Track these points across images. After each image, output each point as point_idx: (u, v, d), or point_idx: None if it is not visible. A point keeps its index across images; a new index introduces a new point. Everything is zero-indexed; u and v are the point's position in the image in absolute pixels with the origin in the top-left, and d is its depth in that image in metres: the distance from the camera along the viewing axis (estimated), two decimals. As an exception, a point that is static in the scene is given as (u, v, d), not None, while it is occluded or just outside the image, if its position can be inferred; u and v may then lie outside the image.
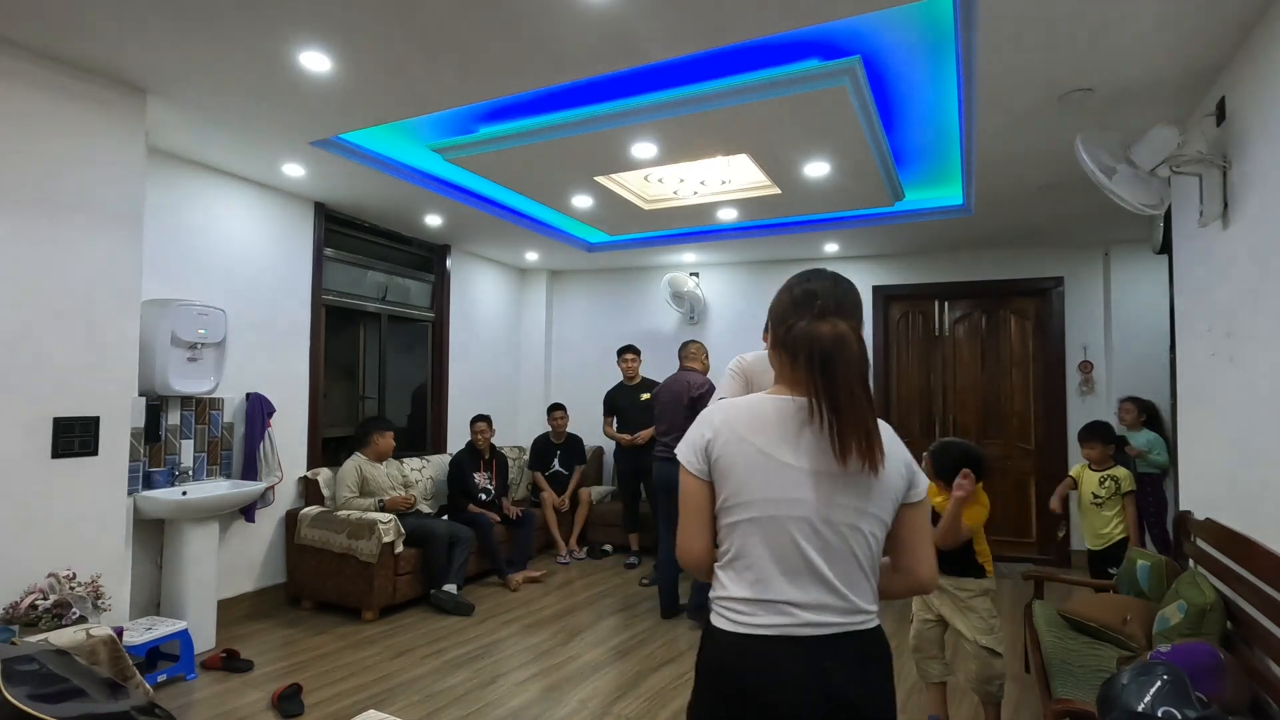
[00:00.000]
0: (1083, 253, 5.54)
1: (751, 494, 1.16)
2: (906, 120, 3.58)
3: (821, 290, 1.23)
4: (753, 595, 1.15)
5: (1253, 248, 2.33)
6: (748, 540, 1.17)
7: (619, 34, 2.49)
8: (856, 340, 1.18)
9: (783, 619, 1.13)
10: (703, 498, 1.22)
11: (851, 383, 1.15)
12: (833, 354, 1.16)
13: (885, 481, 1.17)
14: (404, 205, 4.73)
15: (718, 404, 1.26)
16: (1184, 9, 2.26)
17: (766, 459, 1.16)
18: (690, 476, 1.23)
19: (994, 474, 5.78)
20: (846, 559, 1.15)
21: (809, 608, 1.13)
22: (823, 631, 1.13)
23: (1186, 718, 1.68)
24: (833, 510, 1.14)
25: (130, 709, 2.08)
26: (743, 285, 6.47)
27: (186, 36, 2.55)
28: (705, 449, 1.21)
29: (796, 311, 1.23)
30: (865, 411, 1.15)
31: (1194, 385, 3.00)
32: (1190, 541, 2.86)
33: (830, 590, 1.14)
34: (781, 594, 1.14)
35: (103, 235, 2.89)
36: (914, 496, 1.22)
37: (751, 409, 1.22)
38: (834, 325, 1.18)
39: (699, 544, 1.22)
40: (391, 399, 5.52)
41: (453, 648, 3.74)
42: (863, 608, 1.16)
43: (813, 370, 1.17)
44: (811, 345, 1.17)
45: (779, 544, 1.15)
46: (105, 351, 2.90)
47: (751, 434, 1.18)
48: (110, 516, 2.92)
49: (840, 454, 1.13)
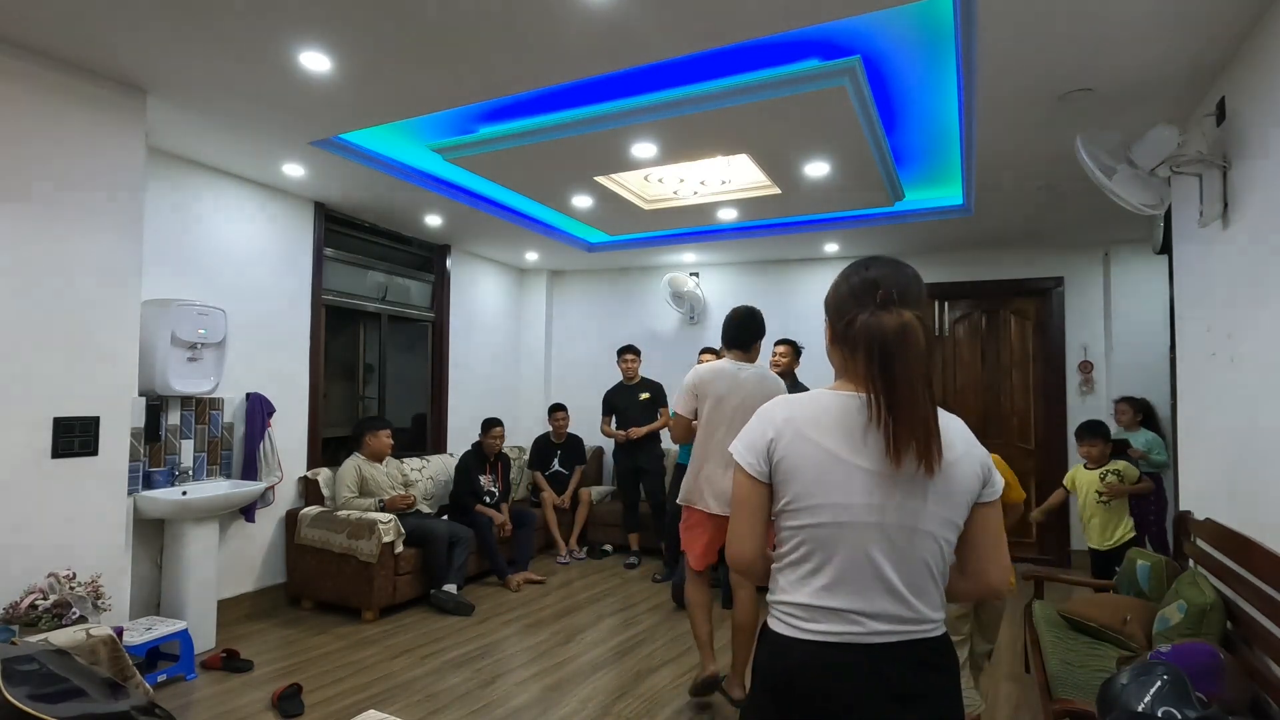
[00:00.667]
0: (1083, 253, 5.54)
1: (821, 498, 1.10)
2: (906, 120, 3.58)
3: (883, 278, 1.15)
4: (818, 603, 1.10)
5: (1253, 248, 2.33)
6: (816, 546, 1.11)
7: (619, 34, 2.49)
8: (923, 332, 1.11)
9: (848, 627, 1.09)
10: (761, 500, 1.16)
11: (913, 379, 1.08)
12: (895, 348, 1.09)
13: (959, 482, 1.11)
14: (404, 205, 4.73)
15: (780, 399, 1.21)
16: (1184, 9, 2.26)
17: (834, 460, 1.10)
18: (747, 477, 1.16)
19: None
20: (916, 566, 1.10)
21: (876, 617, 1.09)
22: (887, 639, 1.09)
23: (1186, 718, 1.68)
24: (905, 515, 1.09)
25: (130, 709, 2.08)
26: (743, 285, 6.46)
27: (186, 36, 2.55)
28: (768, 449, 1.14)
29: (857, 302, 1.16)
30: (926, 410, 1.08)
31: (1194, 385, 2.99)
32: (1190, 541, 2.86)
33: (898, 599, 1.09)
34: (848, 603, 1.09)
35: (103, 235, 2.89)
36: (988, 496, 1.16)
37: (815, 405, 1.15)
38: (899, 316, 1.10)
39: (752, 546, 1.17)
40: (392, 399, 5.52)
41: (453, 648, 3.74)
42: (929, 616, 1.11)
43: (872, 365, 1.10)
44: (872, 339, 1.10)
45: (849, 551, 1.09)
46: (105, 351, 2.90)
47: (817, 433, 1.12)
48: (110, 516, 2.92)
49: (895, 454, 1.07)
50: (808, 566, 1.12)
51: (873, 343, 1.10)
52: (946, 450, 1.10)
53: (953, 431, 1.14)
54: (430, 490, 5.23)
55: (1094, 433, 3.78)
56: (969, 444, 1.15)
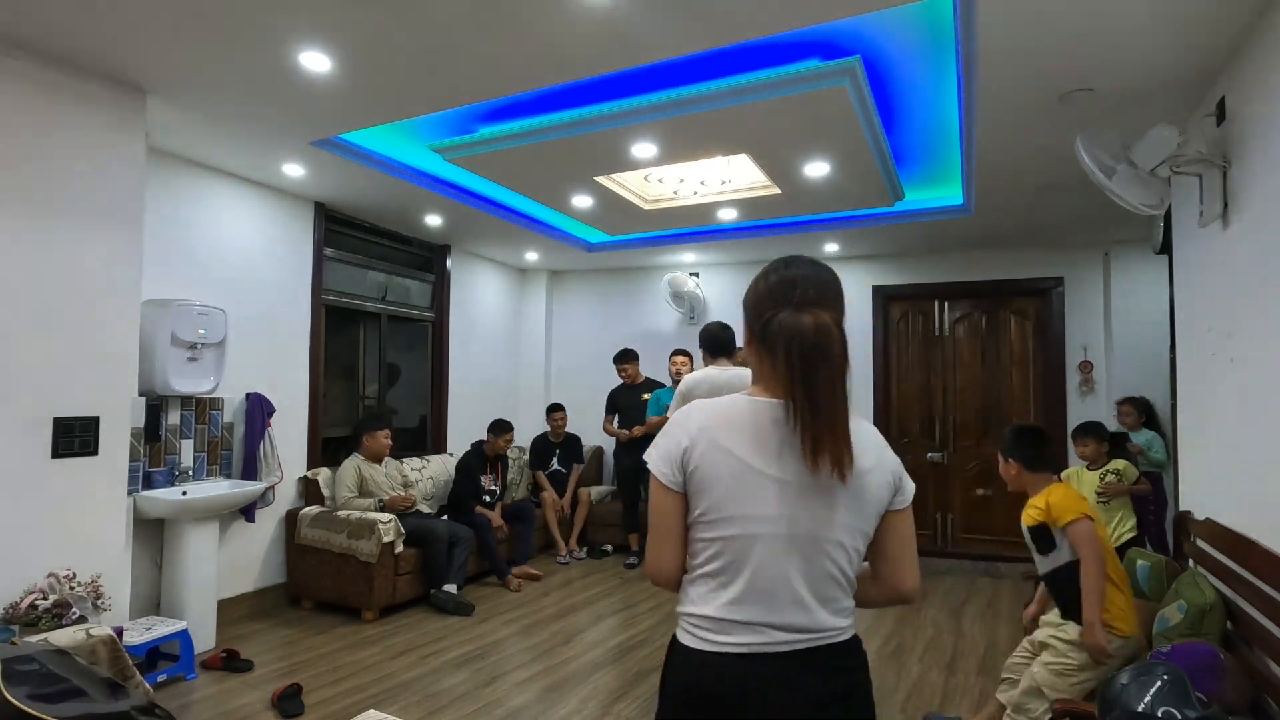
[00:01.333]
0: (1083, 253, 5.54)
1: (733, 510, 1.09)
2: (906, 120, 3.58)
3: (801, 277, 1.13)
4: (727, 616, 1.09)
5: (1253, 248, 2.33)
6: (727, 558, 1.09)
7: (619, 34, 2.49)
8: (839, 334, 1.09)
9: (756, 638, 1.08)
10: (677, 511, 1.13)
11: (833, 382, 1.07)
12: (814, 350, 1.07)
13: (871, 491, 1.11)
14: (404, 205, 4.73)
15: (694, 405, 1.17)
16: (1184, 9, 2.26)
17: (748, 470, 1.08)
18: (662, 488, 1.13)
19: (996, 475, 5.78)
20: (825, 576, 1.09)
21: (782, 628, 1.08)
22: (794, 648, 1.08)
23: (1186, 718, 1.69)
24: (815, 525, 1.08)
25: (130, 709, 2.08)
26: (743, 285, 6.36)
27: (186, 36, 2.55)
28: (682, 458, 1.11)
29: (774, 301, 1.13)
30: (841, 414, 1.07)
31: (1194, 385, 3.00)
32: (1190, 541, 2.86)
33: (804, 610, 1.08)
34: (756, 615, 1.08)
35: (103, 235, 2.89)
36: (899, 504, 1.15)
37: (730, 412, 1.13)
38: (816, 316, 1.08)
39: (671, 561, 1.14)
40: (392, 399, 5.52)
41: (453, 648, 3.74)
42: (834, 624, 1.10)
43: (792, 367, 1.07)
44: (791, 339, 1.08)
45: (759, 564, 1.08)
46: (105, 351, 2.90)
47: (730, 442, 1.09)
48: (110, 516, 2.92)
49: (811, 458, 1.06)
50: (719, 579, 1.10)
51: (791, 343, 1.08)
52: (860, 459, 1.08)
53: (866, 440, 1.13)
54: (430, 490, 5.23)
55: (1087, 432, 3.80)
56: (881, 452, 1.14)
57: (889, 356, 6.10)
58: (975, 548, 5.73)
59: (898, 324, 6.12)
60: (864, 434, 1.13)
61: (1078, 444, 3.81)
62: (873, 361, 6.06)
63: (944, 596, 4.78)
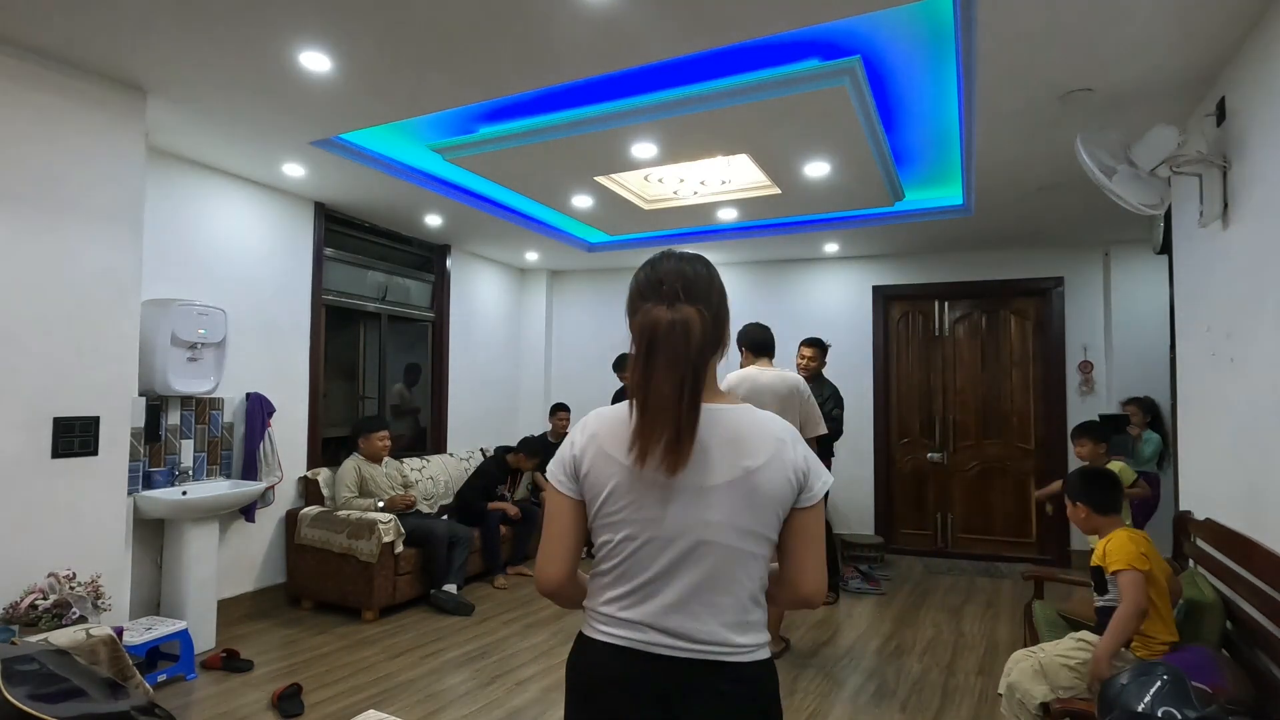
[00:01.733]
0: (1083, 253, 5.54)
1: (618, 513, 1.09)
2: (906, 120, 3.58)
3: (668, 273, 1.11)
4: (616, 614, 1.09)
5: (1253, 248, 2.34)
6: (616, 559, 1.10)
7: (619, 34, 2.49)
8: (699, 326, 1.06)
9: (639, 635, 1.07)
10: (571, 518, 1.12)
11: (671, 374, 1.03)
12: (661, 342, 1.05)
13: (764, 491, 1.06)
14: (404, 205, 4.73)
15: (592, 414, 1.17)
16: (1184, 9, 2.26)
17: (628, 474, 1.07)
18: (556, 493, 1.14)
19: (996, 475, 5.79)
20: (711, 583, 1.05)
21: (664, 631, 1.06)
22: (674, 654, 1.05)
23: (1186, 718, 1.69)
24: (697, 528, 1.05)
25: (130, 709, 2.08)
26: (743, 285, 6.46)
27: (186, 36, 2.55)
28: (574, 465, 1.12)
29: (642, 298, 1.11)
30: (680, 407, 1.03)
31: (1194, 385, 3.00)
32: (1190, 541, 2.86)
33: (691, 617, 1.05)
34: (640, 615, 1.07)
35: (103, 235, 2.89)
36: (806, 501, 1.10)
37: (616, 419, 1.12)
38: (674, 310, 1.06)
39: (559, 569, 1.13)
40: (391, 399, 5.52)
41: (453, 648, 3.74)
42: (732, 641, 1.05)
43: (638, 359, 1.06)
44: (644, 332, 1.06)
45: (642, 565, 1.07)
46: (105, 351, 2.90)
47: (615, 448, 1.09)
48: (110, 516, 2.92)
49: (640, 452, 1.04)
50: (609, 578, 1.11)
51: (643, 336, 1.06)
52: (747, 456, 1.06)
53: (759, 436, 1.09)
54: (430, 490, 5.23)
55: (1085, 432, 3.79)
56: (780, 448, 1.08)
57: (889, 356, 6.10)
58: (975, 548, 5.74)
59: (898, 324, 6.12)
60: (758, 430, 1.10)
61: (1076, 444, 3.80)
62: (873, 361, 6.06)
63: (944, 596, 4.78)
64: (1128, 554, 2.15)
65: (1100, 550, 2.28)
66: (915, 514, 5.99)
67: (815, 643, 3.86)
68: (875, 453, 6.03)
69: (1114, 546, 2.21)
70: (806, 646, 3.81)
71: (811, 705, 3.08)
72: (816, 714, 2.99)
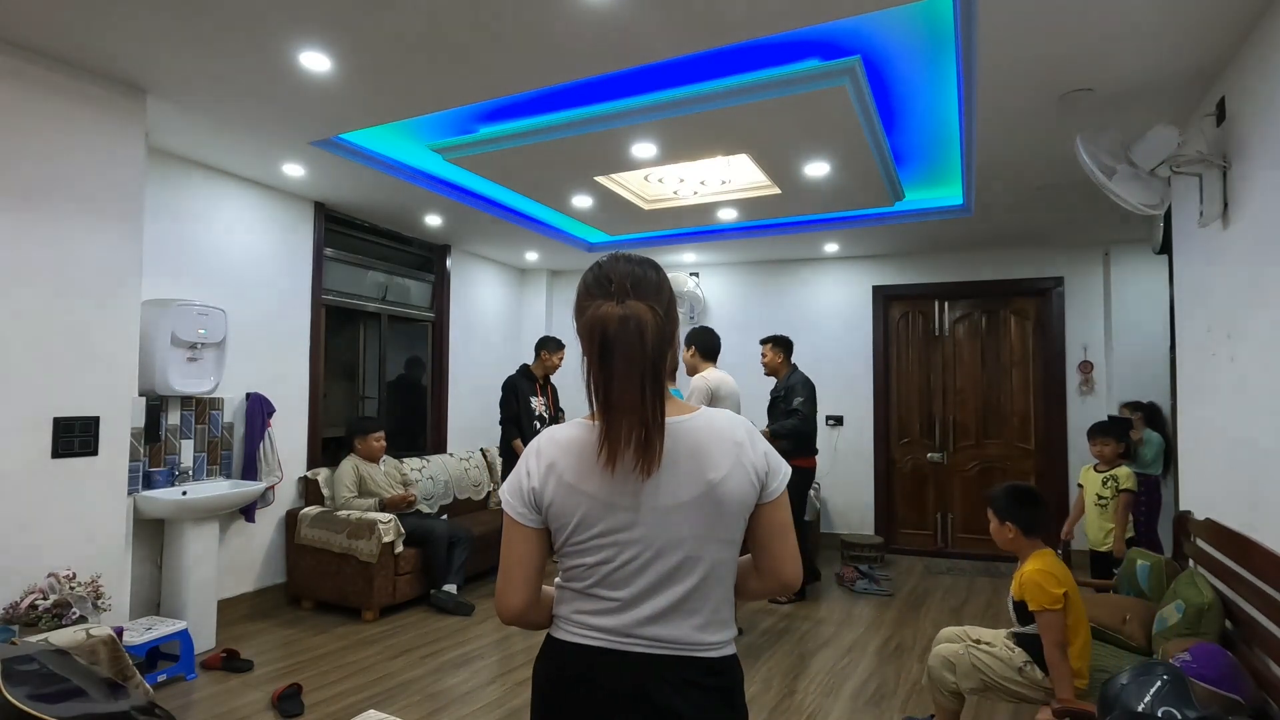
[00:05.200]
0: (1083, 253, 5.54)
1: (588, 541, 1.07)
2: (906, 120, 3.58)
3: (616, 272, 1.09)
4: (588, 621, 1.09)
5: (1253, 248, 2.33)
6: (587, 579, 1.09)
7: (619, 34, 2.49)
8: (653, 323, 1.04)
9: (609, 637, 1.07)
10: (530, 548, 1.10)
11: (631, 372, 1.02)
12: (615, 338, 1.02)
13: (729, 500, 1.06)
14: (404, 205, 4.73)
15: (543, 439, 1.13)
16: (1184, 9, 2.26)
17: (593, 502, 1.06)
18: (514, 524, 1.10)
19: (996, 475, 5.78)
20: (686, 585, 1.06)
21: (639, 638, 1.07)
22: (655, 650, 1.06)
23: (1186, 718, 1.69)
24: (672, 543, 1.06)
25: (130, 709, 2.08)
26: (743, 285, 6.46)
27: (186, 36, 2.55)
28: (533, 497, 1.09)
29: (589, 297, 1.09)
30: (647, 407, 1.02)
31: (1194, 385, 3.00)
32: (1190, 541, 2.86)
33: (664, 619, 1.06)
34: (611, 621, 1.07)
35: (103, 235, 2.89)
36: (768, 497, 1.10)
37: (569, 444, 1.10)
38: (624, 306, 1.04)
39: (520, 597, 1.10)
40: (390, 400, 5.52)
41: (453, 648, 3.74)
42: (702, 639, 1.08)
43: (593, 359, 1.04)
44: (594, 329, 1.04)
45: (615, 584, 1.07)
46: (105, 351, 2.90)
47: (575, 477, 1.07)
48: (110, 516, 2.92)
49: (610, 456, 1.02)
50: (578, 586, 1.10)
51: (594, 333, 1.04)
52: (710, 469, 1.06)
53: (718, 444, 1.08)
54: (430, 490, 5.23)
55: (1106, 432, 3.75)
56: (740, 452, 1.08)
57: (889, 356, 6.10)
58: (975, 548, 5.73)
59: (898, 324, 6.12)
60: (716, 438, 1.09)
61: (1097, 443, 3.76)
62: (873, 361, 6.06)
63: (944, 596, 4.78)
64: (1045, 594, 2.20)
65: (1017, 583, 2.31)
66: (915, 514, 5.99)
67: (816, 643, 3.86)
68: (875, 453, 6.03)
69: (1030, 583, 2.24)
70: (807, 647, 3.81)
71: (811, 705, 3.08)
72: (816, 714, 2.99)
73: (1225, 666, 1.98)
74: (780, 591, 1.17)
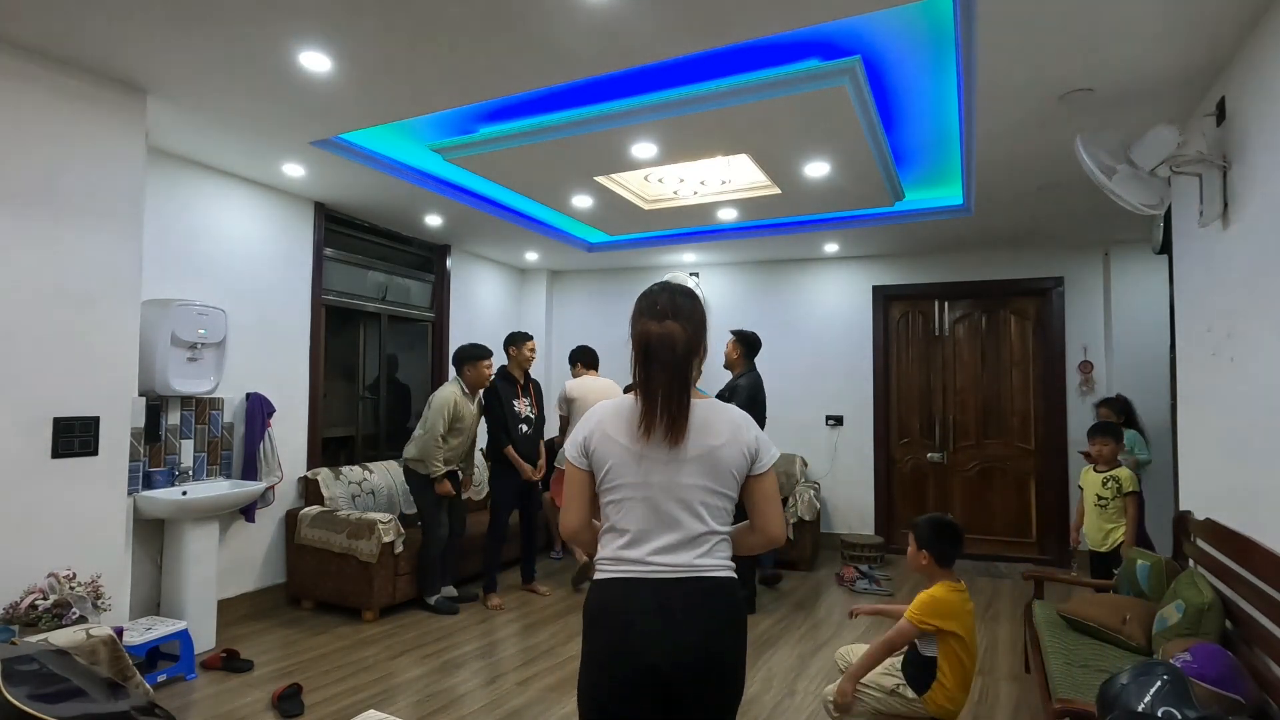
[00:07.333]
0: (1083, 253, 5.54)
1: (618, 479, 1.46)
2: (906, 120, 3.58)
3: (660, 297, 1.50)
4: (621, 555, 1.45)
5: (1253, 248, 2.33)
6: (617, 514, 1.47)
7: (619, 34, 2.49)
8: (683, 337, 1.45)
9: (638, 567, 1.43)
10: (583, 483, 1.51)
11: (670, 373, 1.42)
12: (654, 348, 1.44)
13: (724, 462, 1.45)
14: (404, 205, 4.73)
15: (598, 405, 1.55)
16: (1184, 9, 2.26)
17: (624, 450, 1.45)
18: (574, 468, 1.52)
19: (996, 475, 5.79)
20: (692, 522, 1.43)
21: (656, 561, 1.42)
22: (668, 575, 1.42)
23: (1186, 718, 1.68)
24: (679, 489, 1.43)
25: (130, 709, 2.08)
26: (743, 285, 6.47)
27: (186, 36, 2.55)
28: (584, 445, 1.50)
29: (642, 317, 1.49)
30: (676, 398, 1.42)
31: (1194, 385, 3.00)
32: (1190, 541, 2.86)
33: (674, 549, 1.43)
34: (637, 553, 1.44)
35: (103, 235, 2.89)
36: (758, 470, 1.49)
37: (617, 409, 1.50)
38: (663, 325, 1.45)
39: (576, 518, 1.52)
40: (393, 398, 5.52)
41: (453, 648, 3.74)
42: (706, 563, 1.44)
43: (639, 361, 1.46)
44: (640, 340, 1.46)
45: (637, 515, 1.44)
46: (105, 351, 2.90)
47: (615, 431, 1.47)
48: (110, 516, 2.92)
49: (646, 430, 1.42)
50: (615, 530, 1.47)
51: (640, 344, 1.46)
52: (712, 437, 1.45)
53: (721, 422, 1.47)
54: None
55: (1105, 432, 3.76)
56: (736, 431, 1.47)
57: (889, 356, 6.10)
58: (975, 548, 5.73)
59: (898, 324, 6.11)
60: (720, 418, 1.48)
61: (1096, 443, 3.76)
62: (873, 361, 6.06)
63: (944, 596, 4.78)
64: (923, 610, 2.26)
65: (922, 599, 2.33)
66: (915, 514, 5.96)
67: (816, 643, 3.86)
68: (875, 453, 6.03)
69: (923, 598, 2.29)
70: (807, 647, 3.81)
71: (812, 705, 3.09)
72: (816, 714, 2.99)
73: (1225, 666, 1.98)
74: (769, 544, 1.54)
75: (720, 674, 1.41)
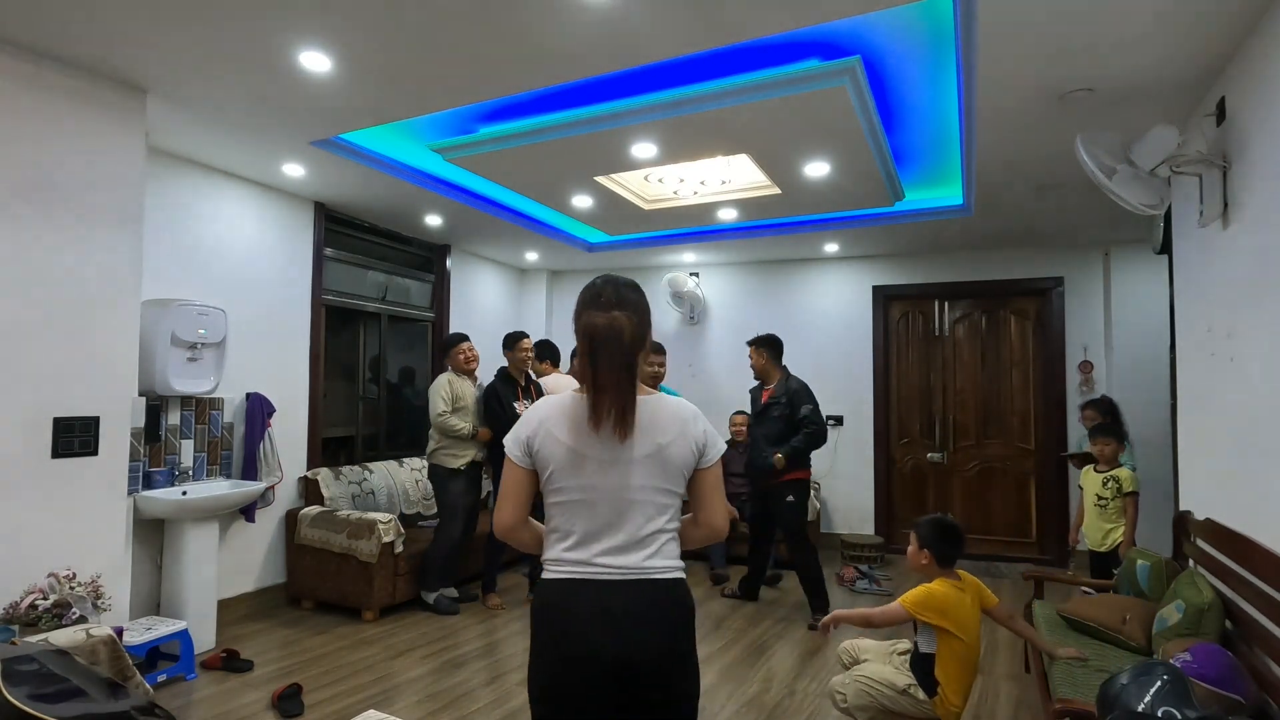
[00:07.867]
0: (1083, 253, 5.54)
1: (562, 481, 1.42)
2: (906, 120, 3.58)
3: (604, 287, 1.45)
4: (566, 556, 1.42)
5: (1253, 248, 2.33)
6: (562, 516, 1.43)
7: (619, 34, 2.49)
8: (629, 328, 1.40)
9: (582, 569, 1.40)
10: (521, 480, 1.46)
11: (613, 364, 1.38)
12: (601, 339, 1.39)
13: (673, 460, 1.42)
14: (404, 205, 4.73)
15: (541, 401, 1.50)
16: (1184, 9, 2.26)
17: (570, 451, 1.41)
18: (513, 465, 1.47)
19: (996, 475, 5.79)
20: (640, 523, 1.40)
21: (602, 563, 1.39)
22: (614, 577, 1.39)
23: (1187, 718, 1.68)
24: (627, 490, 1.40)
25: (130, 709, 2.08)
26: (743, 285, 6.47)
27: (186, 36, 2.55)
28: (527, 443, 1.45)
29: (584, 308, 1.45)
30: (622, 391, 1.38)
31: (1194, 385, 3.00)
32: (1190, 541, 2.86)
33: (621, 550, 1.39)
34: (582, 554, 1.41)
35: (103, 235, 2.89)
36: (705, 464, 1.46)
37: (561, 407, 1.45)
38: (610, 316, 1.40)
39: (511, 515, 1.47)
40: (393, 399, 5.52)
41: (453, 648, 3.74)
42: (653, 564, 1.40)
43: (584, 353, 1.41)
44: (586, 331, 1.41)
45: (583, 517, 1.41)
46: (105, 351, 2.90)
47: (559, 431, 1.42)
48: (110, 516, 2.92)
49: (594, 422, 1.38)
50: (560, 532, 1.44)
51: (586, 334, 1.41)
52: (660, 435, 1.41)
53: (668, 418, 1.44)
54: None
55: (1106, 432, 3.76)
56: (684, 426, 1.44)
57: (889, 356, 6.10)
58: (975, 548, 5.73)
59: (898, 324, 6.12)
60: (666, 414, 1.45)
61: (1098, 443, 3.76)
62: (873, 361, 6.06)
63: (944, 596, 4.78)
64: (916, 599, 2.28)
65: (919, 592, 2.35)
66: (915, 514, 5.96)
67: (816, 643, 3.86)
68: (875, 453, 6.03)
69: (922, 590, 2.31)
70: (807, 647, 3.81)
71: (811, 706, 3.08)
72: (816, 714, 2.99)
73: (1225, 666, 1.98)
74: (712, 536, 1.51)
75: (662, 673, 1.39)
